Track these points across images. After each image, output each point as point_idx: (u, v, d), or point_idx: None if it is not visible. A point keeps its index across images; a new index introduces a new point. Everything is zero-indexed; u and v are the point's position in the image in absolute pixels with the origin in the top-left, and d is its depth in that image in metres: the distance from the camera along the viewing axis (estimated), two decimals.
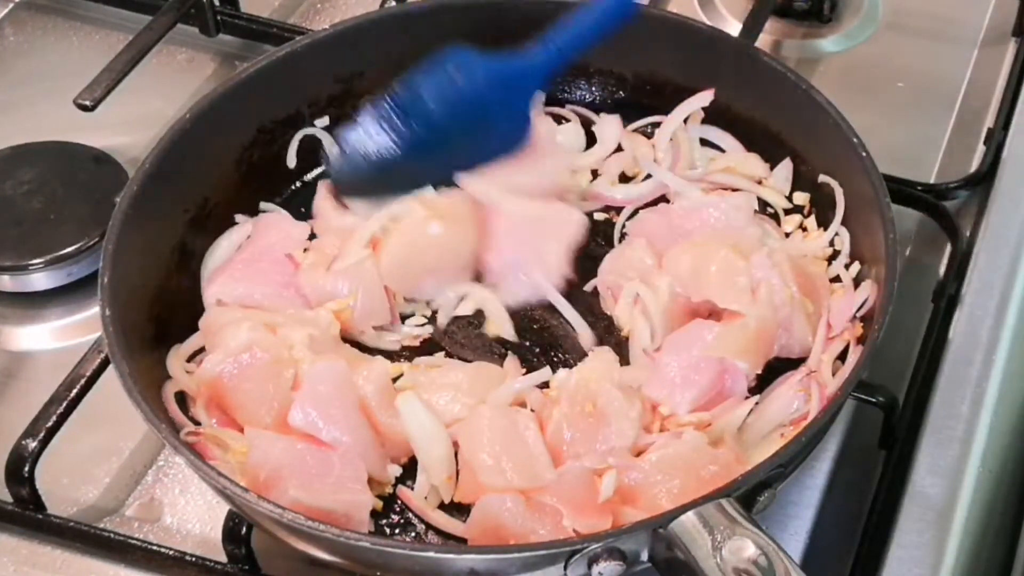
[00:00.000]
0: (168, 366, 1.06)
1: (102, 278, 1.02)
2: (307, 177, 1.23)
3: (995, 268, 1.17)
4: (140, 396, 0.95)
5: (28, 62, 1.42)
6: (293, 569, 1.01)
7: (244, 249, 1.15)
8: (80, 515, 1.05)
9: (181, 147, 1.11)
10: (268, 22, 1.39)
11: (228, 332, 1.04)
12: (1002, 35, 1.43)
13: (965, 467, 1.04)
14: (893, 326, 0.99)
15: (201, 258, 1.14)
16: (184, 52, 1.42)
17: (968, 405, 1.08)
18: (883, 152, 1.10)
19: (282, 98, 1.20)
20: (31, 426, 1.04)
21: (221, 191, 1.17)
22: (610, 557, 0.88)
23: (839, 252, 1.14)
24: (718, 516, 0.86)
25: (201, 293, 1.13)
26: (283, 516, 0.90)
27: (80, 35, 1.44)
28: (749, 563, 0.84)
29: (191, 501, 1.07)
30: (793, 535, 1.05)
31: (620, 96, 1.27)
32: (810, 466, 1.08)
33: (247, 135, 1.18)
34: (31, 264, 1.18)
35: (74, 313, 1.19)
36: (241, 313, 1.08)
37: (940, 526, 1.01)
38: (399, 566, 0.92)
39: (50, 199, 1.22)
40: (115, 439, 1.10)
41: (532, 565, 0.90)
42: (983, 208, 1.24)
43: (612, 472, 0.96)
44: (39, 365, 1.16)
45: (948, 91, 1.39)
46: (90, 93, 1.25)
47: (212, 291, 1.12)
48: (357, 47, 1.21)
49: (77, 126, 1.28)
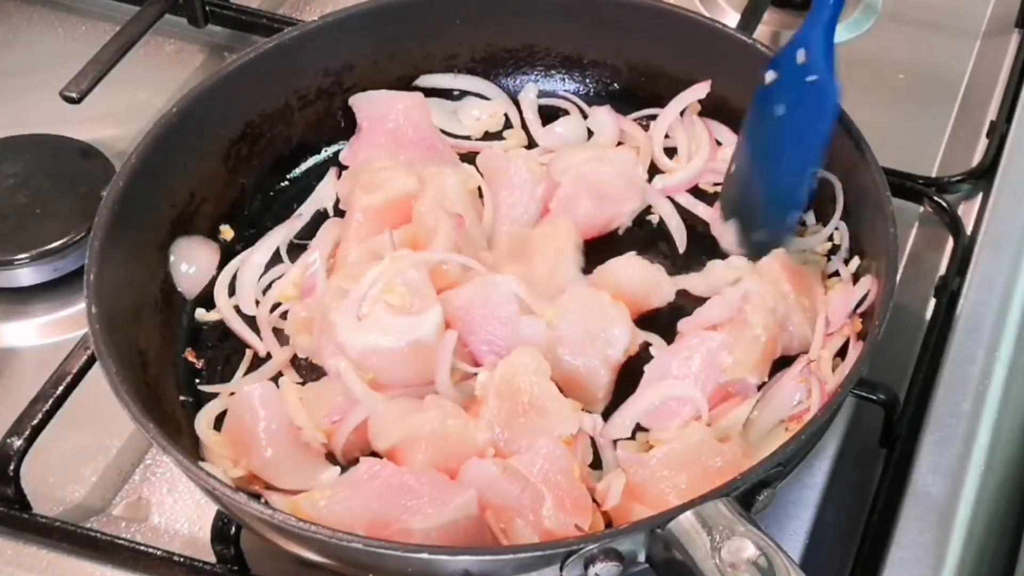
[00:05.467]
0: (196, 428, 1.04)
1: (88, 274, 1.01)
2: (295, 172, 1.23)
3: (997, 263, 1.17)
4: (127, 394, 0.95)
5: (13, 53, 1.41)
6: (283, 570, 1.00)
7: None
8: (66, 515, 1.04)
9: (168, 142, 1.11)
10: (257, 13, 1.39)
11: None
12: (1005, 26, 1.42)
13: (967, 466, 1.04)
14: (894, 322, 0.98)
15: None
16: (172, 43, 1.41)
17: (970, 403, 1.07)
18: (883, 145, 1.10)
19: (270, 91, 1.19)
20: (16, 424, 1.03)
21: (208, 186, 1.16)
22: (607, 558, 0.87)
23: (838, 247, 1.14)
24: (717, 516, 0.86)
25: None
26: (272, 517, 0.89)
27: (66, 26, 1.44)
28: (748, 563, 0.84)
29: (179, 500, 1.06)
30: (793, 535, 1.04)
31: (615, 88, 1.27)
32: (810, 465, 1.07)
33: (235, 129, 1.18)
34: (16, 259, 1.17)
35: (60, 309, 1.18)
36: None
37: (942, 526, 1.00)
38: (391, 567, 0.91)
39: (35, 193, 1.21)
40: (102, 437, 1.10)
41: (528, 566, 0.89)
42: (985, 202, 1.23)
43: (620, 477, 0.96)
44: (24, 362, 1.16)
45: (950, 83, 1.38)
46: (76, 85, 1.25)
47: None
48: (346, 39, 1.21)
49: (63, 119, 1.27)
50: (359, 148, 1.21)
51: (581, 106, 1.26)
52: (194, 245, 1.14)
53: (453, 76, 1.26)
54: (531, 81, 1.28)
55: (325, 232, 1.15)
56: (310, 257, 1.13)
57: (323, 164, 1.23)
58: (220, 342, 1.12)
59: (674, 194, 1.20)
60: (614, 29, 1.23)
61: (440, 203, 1.11)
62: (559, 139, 1.24)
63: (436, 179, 1.14)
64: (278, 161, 1.22)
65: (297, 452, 1.00)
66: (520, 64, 1.27)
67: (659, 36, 1.22)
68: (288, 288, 1.12)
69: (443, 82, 1.26)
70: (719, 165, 1.20)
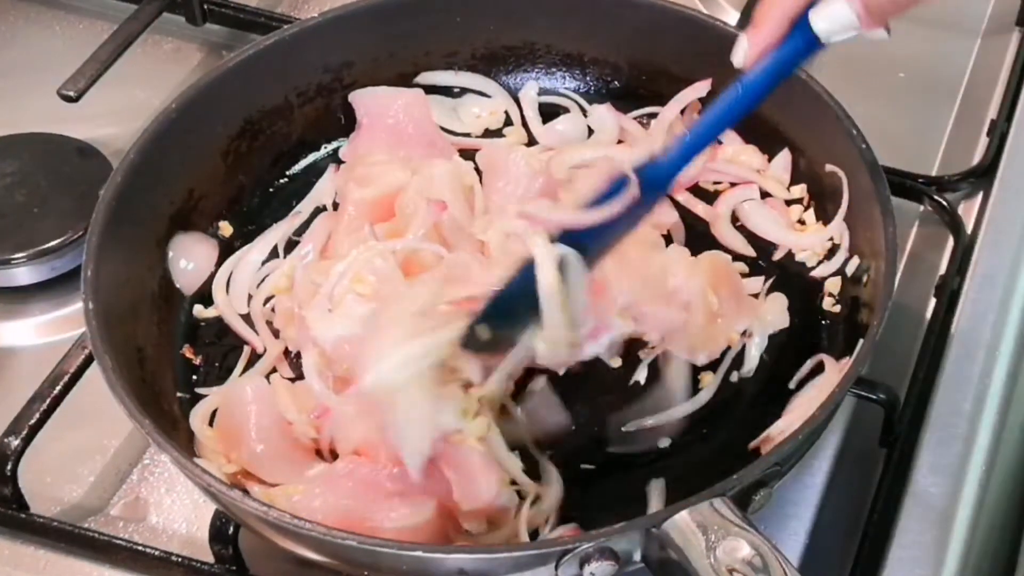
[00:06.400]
0: (191, 423, 1.04)
1: (85, 272, 1.01)
2: (295, 169, 1.22)
3: (998, 262, 1.16)
4: (125, 393, 0.94)
5: (10, 52, 1.41)
6: (281, 570, 1.00)
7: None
8: (64, 514, 1.04)
9: (167, 138, 1.10)
10: (255, 11, 1.38)
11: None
12: (1005, 25, 1.42)
13: (967, 466, 1.03)
14: (894, 321, 0.98)
15: None
16: (170, 42, 1.41)
17: (971, 402, 1.07)
18: (883, 144, 1.09)
19: (270, 88, 1.19)
20: (14, 424, 1.03)
21: (207, 183, 1.16)
22: (602, 557, 0.87)
23: (838, 246, 1.13)
24: (712, 516, 0.86)
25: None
26: (268, 514, 0.88)
27: (64, 24, 1.43)
28: (743, 563, 0.83)
29: (177, 500, 1.06)
30: (792, 535, 1.04)
31: (615, 86, 1.26)
32: (809, 465, 1.07)
33: (234, 126, 1.18)
34: (13, 258, 1.17)
35: (58, 308, 1.18)
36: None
37: (942, 526, 1.00)
38: (386, 565, 0.91)
39: (33, 192, 1.21)
40: (100, 437, 1.09)
41: (523, 565, 0.89)
42: (986, 201, 1.23)
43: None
44: (22, 361, 1.15)
45: (950, 82, 1.38)
46: (74, 84, 1.25)
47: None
48: (346, 36, 1.21)
49: (61, 117, 1.26)
50: (359, 144, 1.21)
51: (581, 104, 1.26)
52: (192, 241, 1.14)
53: (453, 73, 1.26)
54: (531, 79, 1.27)
55: (319, 225, 1.15)
56: (303, 250, 1.13)
57: (323, 161, 1.23)
58: (218, 338, 1.11)
59: (673, 193, 1.20)
60: (615, 27, 1.23)
61: (424, 191, 1.11)
62: (559, 137, 1.24)
63: (425, 169, 1.14)
64: (277, 158, 1.22)
65: (287, 447, 1.00)
66: (520, 62, 1.27)
67: (660, 34, 1.22)
68: (281, 280, 1.12)
69: (443, 79, 1.26)
70: (719, 164, 1.20)
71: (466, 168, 1.19)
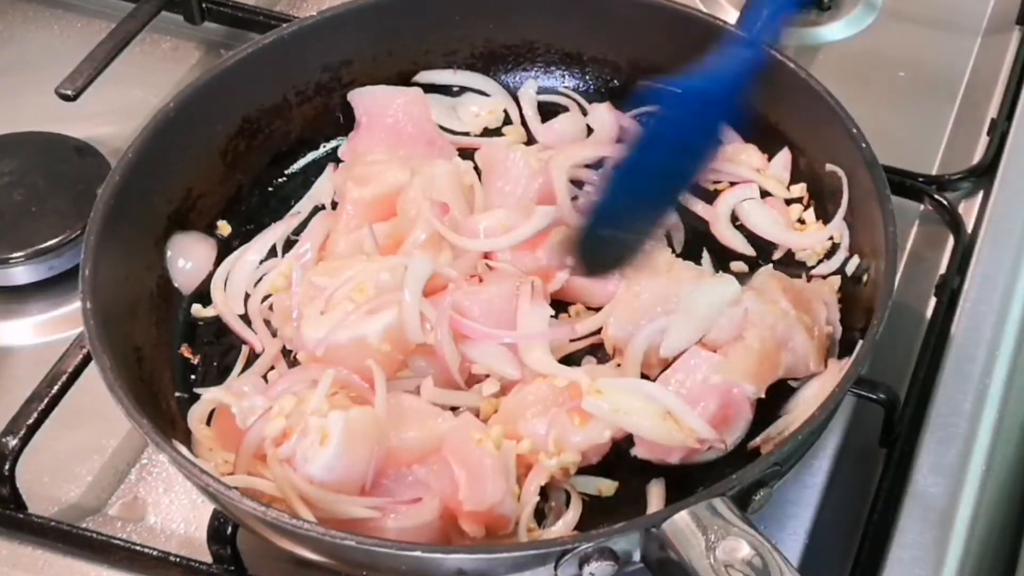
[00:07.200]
0: (189, 423, 1.04)
1: (83, 271, 1.01)
2: (293, 168, 1.22)
3: (998, 261, 1.16)
4: (123, 392, 0.94)
5: (8, 51, 1.40)
6: (279, 570, 1.00)
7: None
8: (62, 514, 1.04)
9: (165, 137, 1.10)
10: (254, 10, 1.38)
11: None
12: (1005, 23, 1.42)
13: (968, 466, 1.03)
14: (894, 321, 0.98)
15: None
16: (168, 40, 1.40)
17: (971, 402, 1.07)
18: (883, 143, 1.09)
19: (268, 87, 1.19)
20: (11, 423, 1.03)
21: (205, 182, 1.16)
22: (601, 557, 0.87)
23: (838, 246, 1.13)
24: (712, 516, 0.86)
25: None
26: (267, 514, 0.88)
27: (62, 23, 1.43)
28: (743, 563, 0.84)
29: (175, 500, 1.06)
30: (792, 535, 1.04)
31: (614, 84, 1.26)
32: (809, 465, 1.07)
33: (232, 125, 1.17)
34: (11, 258, 1.17)
35: (55, 308, 1.18)
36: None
37: (942, 526, 1.00)
38: (385, 565, 0.91)
39: (31, 191, 1.21)
40: (98, 436, 1.09)
41: (522, 565, 0.89)
42: (986, 200, 1.23)
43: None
44: (20, 361, 1.15)
45: (950, 81, 1.38)
46: (72, 82, 1.24)
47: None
48: (344, 34, 1.20)
49: (59, 116, 1.26)
50: (358, 143, 1.21)
51: (581, 103, 1.26)
52: (191, 241, 1.14)
53: (452, 72, 1.26)
54: (531, 77, 1.27)
55: (317, 224, 1.15)
56: (301, 248, 1.13)
57: (321, 160, 1.23)
58: (216, 338, 1.11)
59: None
60: (614, 25, 1.23)
61: (426, 193, 1.10)
62: (558, 136, 1.24)
63: (425, 169, 1.13)
64: (276, 157, 1.21)
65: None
66: (520, 60, 1.27)
67: (659, 33, 1.21)
68: (279, 279, 1.12)
69: (442, 78, 1.26)
70: (718, 163, 1.20)
71: (466, 168, 1.18)
